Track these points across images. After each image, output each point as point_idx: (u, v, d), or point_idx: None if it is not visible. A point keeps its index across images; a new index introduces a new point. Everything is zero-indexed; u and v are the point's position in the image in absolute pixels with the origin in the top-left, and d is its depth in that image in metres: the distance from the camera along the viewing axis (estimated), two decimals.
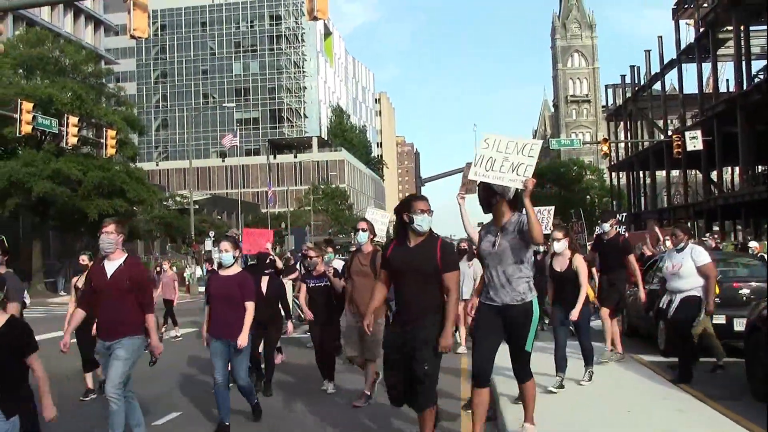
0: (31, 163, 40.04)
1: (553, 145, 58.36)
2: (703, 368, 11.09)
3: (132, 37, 19.47)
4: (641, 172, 72.29)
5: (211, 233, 58.04)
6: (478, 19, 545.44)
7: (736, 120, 44.32)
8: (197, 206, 67.81)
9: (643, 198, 74.11)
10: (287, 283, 15.07)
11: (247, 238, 15.63)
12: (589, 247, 17.65)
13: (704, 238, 25.65)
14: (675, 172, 71.89)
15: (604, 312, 11.97)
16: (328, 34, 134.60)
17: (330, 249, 13.07)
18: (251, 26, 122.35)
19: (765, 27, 52.46)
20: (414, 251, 6.68)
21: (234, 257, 8.53)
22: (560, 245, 9.93)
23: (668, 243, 15.33)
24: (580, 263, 9.80)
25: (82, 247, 51.12)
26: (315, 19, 18.20)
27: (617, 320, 12.91)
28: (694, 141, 42.80)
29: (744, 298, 12.88)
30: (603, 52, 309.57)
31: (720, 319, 12.61)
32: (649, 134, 68.64)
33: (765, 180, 52.74)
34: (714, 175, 57.43)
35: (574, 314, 9.53)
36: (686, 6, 60.46)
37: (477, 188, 7.01)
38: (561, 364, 9.68)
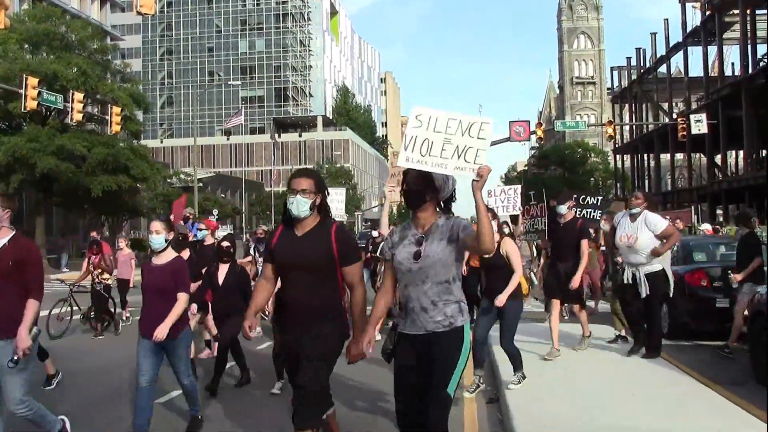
0: (35, 138, 40.03)
1: (558, 127, 58.24)
2: (708, 352, 11.14)
3: (138, 13, 19.58)
4: (645, 155, 72.13)
5: (215, 211, 58.09)
6: (484, 1, 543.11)
7: (740, 104, 44.27)
8: (201, 184, 67.80)
9: (647, 181, 73.97)
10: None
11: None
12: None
13: (700, 228, 25.55)
14: (679, 155, 71.62)
15: (576, 309, 11.39)
16: (334, 13, 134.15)
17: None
18: (257, 4, 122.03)
19: None
20: (301, 241, 5.59)
21: (166, 240, 7.35)
22: None
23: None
24: (510, 248, 8.83)
25: (85, 223, 51.42)
26: None
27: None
28: (699, 124, 42.75)
29: None
30: (609, 34, 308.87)
31: (724, 303, 12.73)
32: (654, 117, 68.45)
33: None
34: (718, 158, 57.36)
35: (500, 299, 8.46)
36: None
37: (406, 179, 5.28)
38: (479, 360, 9.01)
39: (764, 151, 57.69)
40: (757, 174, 45.26)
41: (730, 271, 12.50)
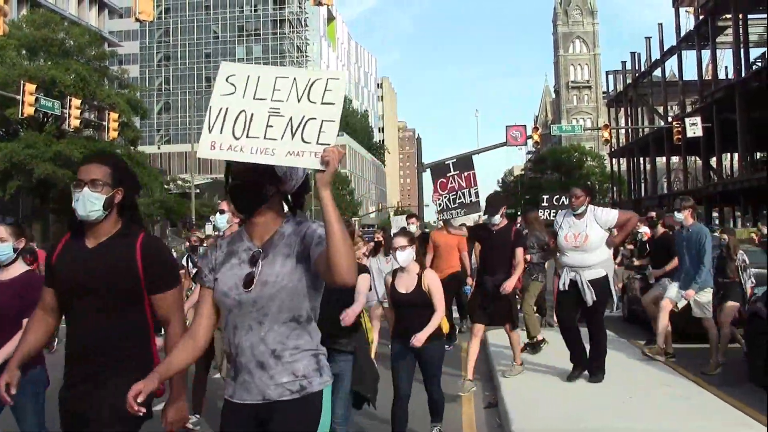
0: (32, 144, 40.25)
1: (554, 131, 58.42)
2: (701, 355, 11.24)
3: (137, 20, 19.73)
4: (641, 159, 72.37)
5: (212, 218, 58.19)
6: (480, 5, 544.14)
7: (735, 107, 44.46)
8: (198, 190, 67.96)
9: (643, 184, 74.20)
10: None
11: None
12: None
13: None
14: (675, 159, 71.97)
15: (507, 329, 9.84)
16: (331, 18, 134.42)
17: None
18: (255, 10, 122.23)
19: (763, 15, 52.62)
20: (92, 255, 3.94)
21: (15, 249, 5.67)
22: (404, 256, 7.02)
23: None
24: (432, 282, 7.10)
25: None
26: (320, 4, 18.46)
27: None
28: (694, 128, 42.94)
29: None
30: (604, 38, 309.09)
31: None
32: (650, 120, 68.64)
33: (763, 166, 52.94)
34: (713, 161, 57.64)
35: (418, 338, 6.81)
36: None
37: (231, 168, 3.58)
38: (399, 426, 6.97)
39: (759, 154, 57.97)
40: (752, 176, 45.47)
41: (650, 267, 13.17)
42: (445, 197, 10.30)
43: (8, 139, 41.96)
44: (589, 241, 9.08)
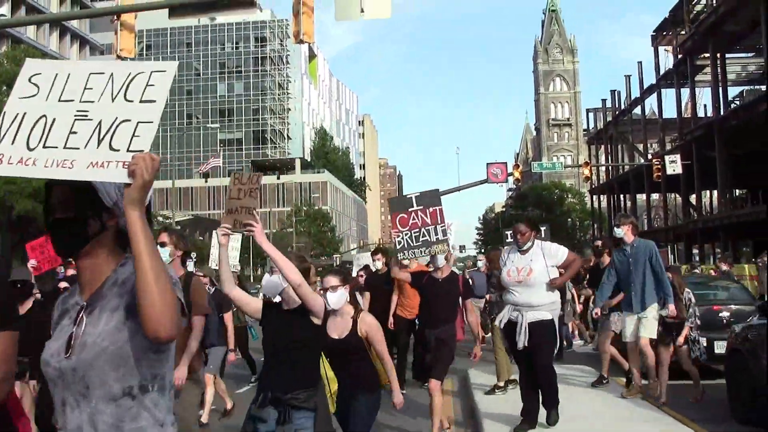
0: (12, 180, 40.00)
1: (535, 168, 58.86)
2: (685, 392, 11.23)
3: (119, 57, 19.64)
4: (622, 196, 72.80)
5: (193, 254, 57.93)
6: (461, 44, 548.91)
7: (714, 144, 44.86)
8: (179, 227, 67.69)
9: None
10: None
11: (34, 253, 13.33)
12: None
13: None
14: (655, 196, 72.37)
15: (434, 386, 8.60)
16: (312, 56, 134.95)
17: None
18: (236, 48, 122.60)
19: (741, 54, 53.49)
20: None
21: None
22: (335, 298, 6.10)
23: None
24: (370, 327, 6.30)
25: (64, 265, 51.08)
26: (301, 42, 18.39)
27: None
28: (674, 165, 43.32)
29: (724, 321, 12.96)
30: (584, 76, 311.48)
31: (701, 342, 12.91)
32: (630, 158, 69.16)
33: (743, 203, 53.39)
34: (693, 198, 58.03)
35: (398, 402, 6.53)
36: (665, 33, 61.43)
37: (49, 199, 2.74)
38: None
39: (738, 191, 58.43)
40: (732, 213, 45.80)
41: (592, 304, 13.20)
42: (406, 234, 9.28)
43: None
44: (533, 275, 8.28)
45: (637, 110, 67.12)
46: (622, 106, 71.50)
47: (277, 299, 5.66)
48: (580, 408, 9.68)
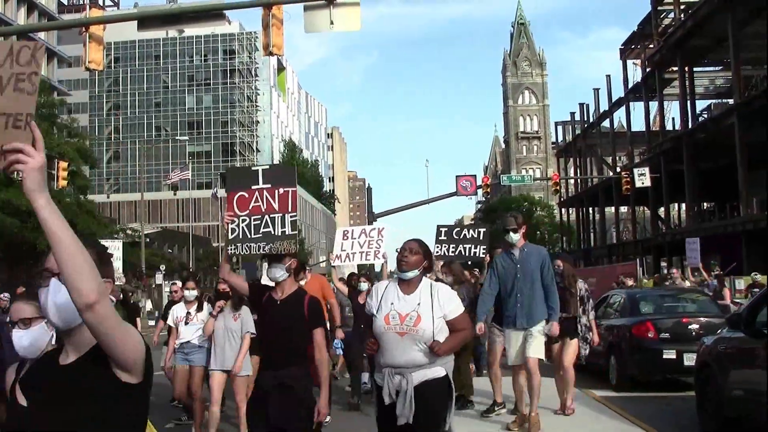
0: None
1: (504, 181, 59.19)
2: (656, 404, 11.26)
3: (87, 69, 19.48)
4: (590, 208, 73.24)
5: (162, 267, 57.61)
6: (430, 57, 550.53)
7: (682, 158, 45.25)
8: (148, 239, 67.24)
9: (592, 234, 75.06)
10: None
11: None
12: None
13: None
14: (624, 208, 72.87)
15: None
16: (281, 69, 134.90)
17: None
18: (205, 60, 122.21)
19: (709, 68, 54.04)
20: None
21: None
22: (27, 338, 3.60)
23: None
24: None
25: (28, 278, 50.58)
26: (271, 54, 18.37)
27: None
28: (642, 178, 43.62)
29: (693, 333, 13.00)
30: (553, 90, 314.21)
31: (670, 354, 12.96)
32: (598, 171, 69.70)
33: (711, 217, 53.84)
34: (662, 211, 58.47)
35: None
36: (633, 47, 62.06)
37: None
38: None
39: (706, 204, 58.96)
40: (700, 226, 46.14)
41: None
42: (243, 220, 6.84)
43: None
44: (421, 325, 5.55)
45: (606, 123, 67.66)
46: (591, 119, 72.00)
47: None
48: (551, 423, 9.66)
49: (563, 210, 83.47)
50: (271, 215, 6.79)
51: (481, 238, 13.70)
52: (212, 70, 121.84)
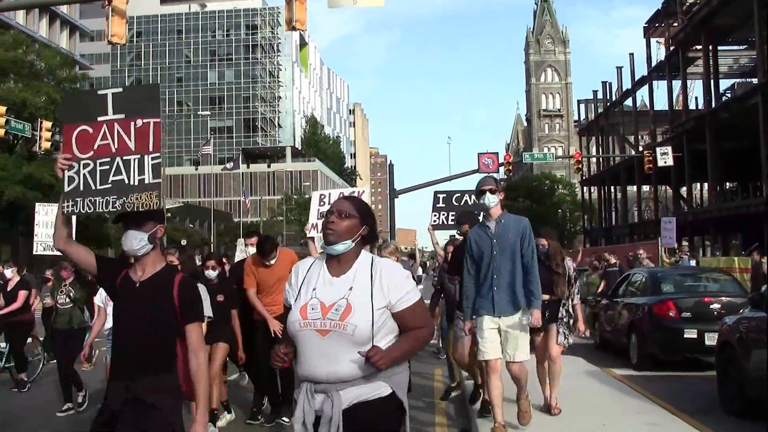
0: (2, 167, 39.95)
1: (526, 159, 58.76)
2: (676, 383, 11.18)
3: (109, 42, 19.48)
4: (612, 187, 72.86)
5: (183, 242, 57.86)
6: (452, 34, 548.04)
7: (704, 137, 44.87)
8: (170, 214, 67.57)
9: (614, 212, 74.66)
10: None
11: None
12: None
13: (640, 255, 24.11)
14: (645, 188, 72.51)
15: None
16: (303, 44, 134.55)
17: None
18: (227, 35, 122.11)
19: (733, 47, 53.45)
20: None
21: None
22: None
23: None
24: None
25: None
26: (293, 29, 18.28)
27: None
28: (665, 157, 43.25)
29: (715, 312, 12.88)
30: (576, 68, 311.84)
31: (692, 334, 12.88)
32: (621, 149, 69.17)
33: (733, 196, 53.46)
34: (684, 190, 58.10)
35: None
36: (657, 25, 61.37)
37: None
38: None
39: (728, 184, 58.51)
40: (722, 206, 45.85)
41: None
42: (86, 165, 4.94)
43: None
44: (353, 319, 3.81)
45: (629, 102, 67.15)
46: (614, 98, 71.54)
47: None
48: (571, 402, 9.60)
49: (585, 188, 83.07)
50: (125, 157, 4.82)
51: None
52: (234, 45, 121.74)
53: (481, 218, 8.16)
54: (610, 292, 16.88)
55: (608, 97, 72.80)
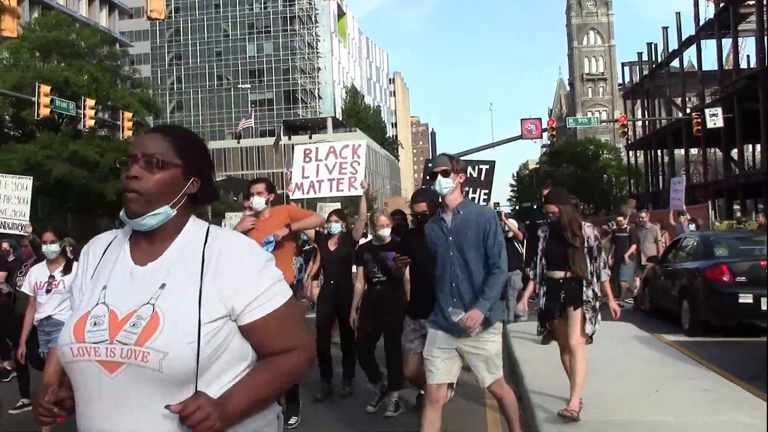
0: (49, 145, 40.41)
1: (570, 124, 58.11)
2: (730, 349, 10.96)
3: (149, 18, 19.49)
4: (659, 151, 71.88)
5: (227, 215, 58.12)
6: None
7: (757, 96, 43.92)
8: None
9: (661, 177, 73.68)
10: None
11: None
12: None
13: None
14: (694, 150, 71.36)
15: None
16: (341, 14, 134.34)
17: None
18: (264, 7, 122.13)
19: None
20: None
21: None
22: None
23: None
24: None
25: (100, 227, 51.48)
26: None
27: None
28: (714, 118, 42.41)
29: None
30: (619, 29, 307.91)
31: (747, 299, 12.55)
32: (667, 112, 68.21)
33: None
34: (734, 153, 57.00)
35: None
36: None
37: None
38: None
39: None
40: None
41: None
42: None
43: (25, 141, 42.18)
44: (156, 344, 2.16)
45: (675, 63, 66.03)
46: (659, 59, 70.38)
47: None
48: (622, 368, 9.50)
49: (631, 153, 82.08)
50: None
51: (482, 178, 10.59)
52: (272, 17, 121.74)
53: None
54: (660, 257, 16.58)
55: (653, 59, 71.71)
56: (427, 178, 6.28)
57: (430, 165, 5.99)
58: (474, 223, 5.81)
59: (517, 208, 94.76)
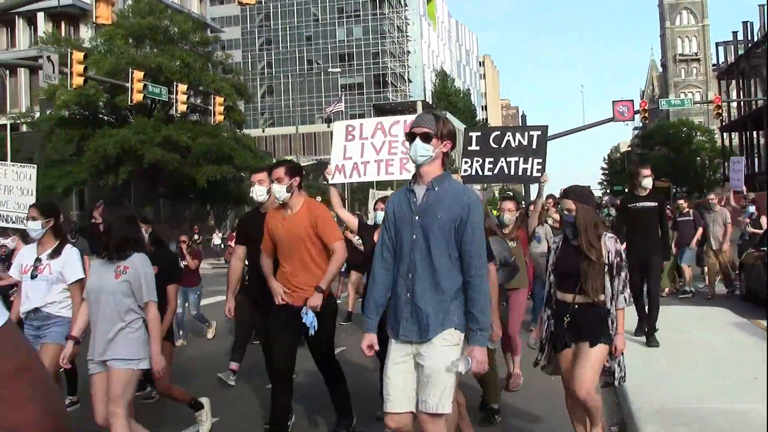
0: (142, 130, 41.35)
1: (662, 106, 57.05)
2: None
3: (240, 3, 19.87)
4: (755, 132, 69.94)
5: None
6: None
7: None
8: (304, 172, 68.66)
9: (756, 159, 71.71)
10: None
11: None
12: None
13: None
14: None
15: None
16: None
17: None
18: None
19: None
20: None
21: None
22: None
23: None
24: None
25: (191, 213, 52.63)
26: None
27: None
28: None
29: None
30: (713, 8, 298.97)
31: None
32: (764, 92, 66.27)
33: None
34: None
35: None
36: None
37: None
38: None
39: None
40: None
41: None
42: None
43: (119, 126, 43.21)
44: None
45: None
46: (756, 38, 68.37)
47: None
48: (718, 355, 9.33)
49: (725, 135, 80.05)
50: None
51: (534, 145, 8.79)
52: (362, 1, 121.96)
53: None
54: (757, 241, 16.24)
55: (749, 38, 69.70)
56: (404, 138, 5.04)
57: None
58: (448, 206, 4.61)
59: (608, 191, 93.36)
